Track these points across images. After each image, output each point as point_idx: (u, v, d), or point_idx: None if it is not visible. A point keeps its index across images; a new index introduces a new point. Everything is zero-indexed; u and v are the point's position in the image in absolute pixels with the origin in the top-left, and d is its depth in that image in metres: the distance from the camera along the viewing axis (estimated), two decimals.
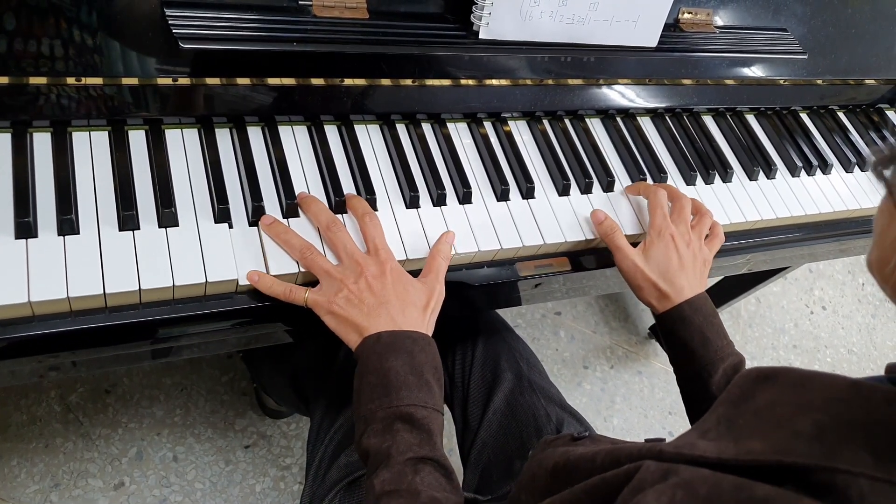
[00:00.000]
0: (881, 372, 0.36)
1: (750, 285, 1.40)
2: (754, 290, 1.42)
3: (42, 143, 0.58)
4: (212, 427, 1.20)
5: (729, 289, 1.45)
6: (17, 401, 1.14)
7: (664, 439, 0.49)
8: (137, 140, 0.61)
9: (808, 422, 0.31)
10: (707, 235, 0.72)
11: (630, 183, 0.78)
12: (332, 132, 0.69)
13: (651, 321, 1.57)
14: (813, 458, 0.29)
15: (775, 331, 1.71)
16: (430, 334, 0.58)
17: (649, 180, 0.78)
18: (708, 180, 0.82)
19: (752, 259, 0.87)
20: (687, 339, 0.64)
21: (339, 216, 0.63)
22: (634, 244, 0.73)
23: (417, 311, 0.57)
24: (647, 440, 0.52)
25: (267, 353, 0.93)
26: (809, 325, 1.75)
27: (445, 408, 0.98)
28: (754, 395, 0.35)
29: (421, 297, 0.58)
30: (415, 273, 0.62)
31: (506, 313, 1.23)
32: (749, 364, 0.66)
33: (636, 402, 1.47)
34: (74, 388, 1.18)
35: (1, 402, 1.13)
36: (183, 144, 0.63)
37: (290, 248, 0.58)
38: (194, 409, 1.20)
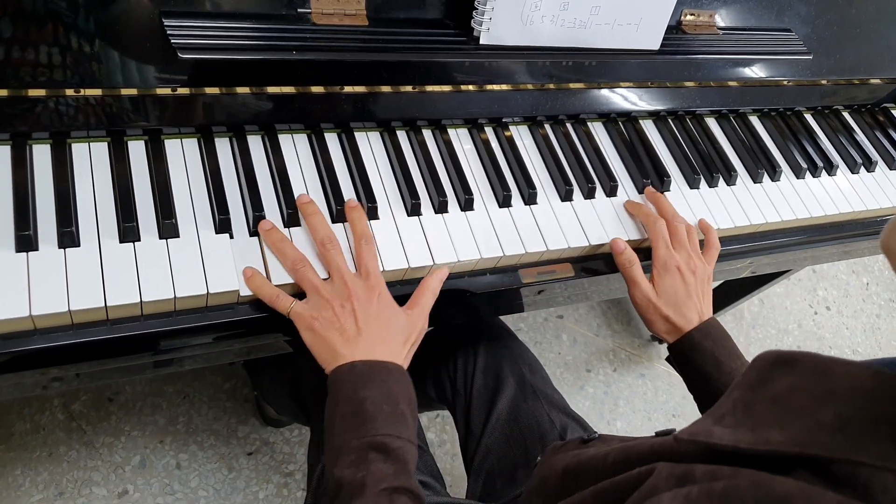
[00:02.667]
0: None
1: (753, 287, 1.39)
2: (758, 292, 1.41)
3: (42, 154, 0.58)
4: (214, 434, 1.19)
5: (732, 291, 1.44)
6: (21, 409, 1.14)
7: (675, 430, 0.49)
8: (137, 150, 0.61)
9: (830, 412, 0.30)
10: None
11: (633, 187, 0.77)
12: (332, 140, 0.68)
13: None
14: (835, 451, 0.29)
15: (779, 332, 1.70)
16: (406, 367, 0.57)
17: (651, 185, 0.78)
18: (711, 183, 0.81)
19: (755, 263, 0.86)
20: (700, 364, 0.65)
21: (339, 224, 0.63)
22: (638, 249, 0.72)
23: (397, 345, 0.57)
24: (657, 433, 0.52)
25: (268, 363, 0.93)
26: (813, 325, 1.75)
27: (447, 413, 0.97)
28: (772, 379, 0.34)
29: (403, 330, 0.57)
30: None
31: (507, 317, 1.23)
32: None
33: (639, 406, 1.47)
34: (77, 397, 1.17)
35: (4, 411, 1.13)
36: (182, 154, 0.62)
37: (283, 258, 0.58)
38: (197, 417, 1.20)
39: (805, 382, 0.32)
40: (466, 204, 0.68)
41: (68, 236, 0.54)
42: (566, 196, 0.73)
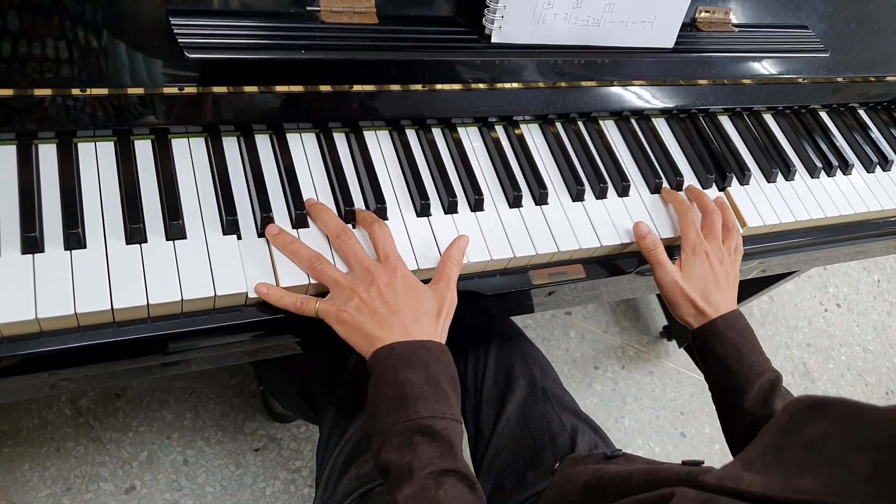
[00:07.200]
0: None
1: (762, 285, 1.37)
2: (768, 290, 1.40)
3: (47, 154, 0.57)
4: (221, 430, 1.19)
5: (741, 289, 1.43)
6: (28, 405, 1.15)
7: (702, 462, 0.47)
8: (144, 150, 0.60)
9: (865, 461, 0.29)
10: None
11: (646, 187, 0.76)
12: (340, 139, 0.67)
13: (663, 321, 1.56)
14: (871, 502, 0.28)
15: (789, 329, 1.68)
16: (444, 342, 0.57)
17: (665, 184, 0.77)
18: (724, 183, 0.80)
19: (766, 263, 0.85)
20: (721, 354, 0.64)
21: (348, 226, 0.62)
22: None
23: (430, 320, 0.56)
24: (684, 462, 0.51)
25: (276, 359, 0.92)
26: (823, 322, 1.73)
27: None
28: (805, 425, 0.33)
29: (433, 305, 0.57)
30: (426, 283, 0.61)
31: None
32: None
33: (647, 403, 1.46)
34: (85, 392, 1.17)
35: (12, 406, 1.14)
36: (190, 153, 0.61)
37: (298, 259, 0.57)
38: (204, 413, 1.20)
39: (839, 429, 0.31)
40: (476, 204, 0.67)
41: (74, 238, 0.53)
42: (577, 196, 0.72)
